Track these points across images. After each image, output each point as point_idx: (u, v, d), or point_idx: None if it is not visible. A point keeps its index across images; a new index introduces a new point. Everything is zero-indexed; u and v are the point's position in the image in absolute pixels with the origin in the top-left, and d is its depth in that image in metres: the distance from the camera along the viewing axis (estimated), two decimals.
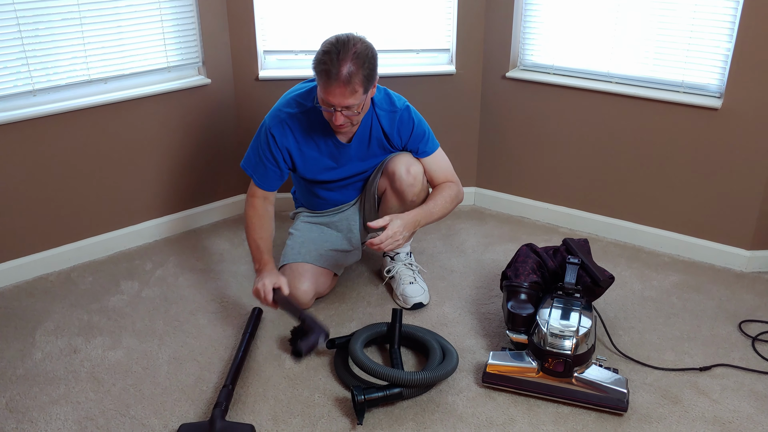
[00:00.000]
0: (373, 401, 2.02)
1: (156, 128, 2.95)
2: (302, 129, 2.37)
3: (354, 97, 2.16)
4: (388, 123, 2.40)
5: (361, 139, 2.41)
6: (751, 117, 2.64)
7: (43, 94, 2.66)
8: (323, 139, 2.39)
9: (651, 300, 2.64)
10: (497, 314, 2.55)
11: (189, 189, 3.15)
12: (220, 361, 2.30)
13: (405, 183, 2.40)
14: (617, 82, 2.92)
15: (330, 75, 2.11)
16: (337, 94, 2.14)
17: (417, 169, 2.42)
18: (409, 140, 2.44)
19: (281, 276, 2.34)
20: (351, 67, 2.11)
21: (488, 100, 3.21)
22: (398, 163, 2.42)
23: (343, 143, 2.41)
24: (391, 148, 2.46)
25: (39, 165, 2.70)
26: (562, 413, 2.07)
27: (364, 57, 2.14)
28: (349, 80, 2.12)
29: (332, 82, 2.12)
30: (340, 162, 2.46)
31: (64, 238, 2.85)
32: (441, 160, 2.51)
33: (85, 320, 2.51)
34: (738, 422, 2.04)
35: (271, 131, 2.37)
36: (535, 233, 3.14)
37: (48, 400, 2.13)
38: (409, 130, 2.42)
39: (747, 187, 2.74)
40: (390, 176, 2.43)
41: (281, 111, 2.37)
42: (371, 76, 2.18)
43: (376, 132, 2.41)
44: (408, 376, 2.02)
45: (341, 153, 2.43)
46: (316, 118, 2.35)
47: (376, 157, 2.49)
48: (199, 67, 3.03)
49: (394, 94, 2.43)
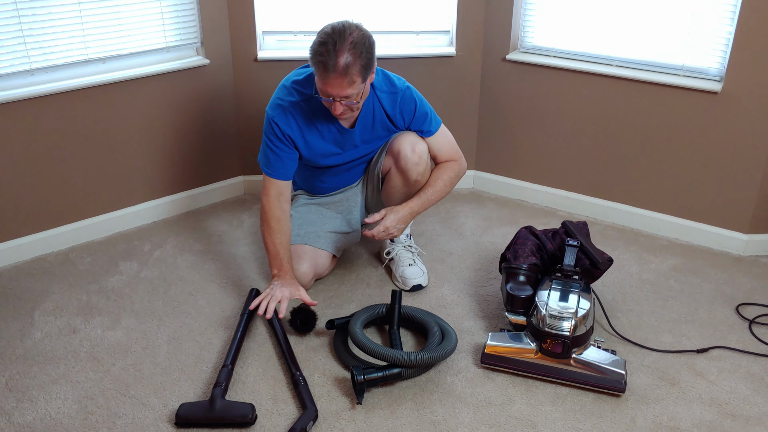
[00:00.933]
0: (372, 381, 2.03)
1: (154, 109, 2.94)
2: (305, 117, 2.34)
3: (352, 87, 2.13)
4: (390, 104, 2.39)
5: (364, 123, 2.40)
6: (751, 101, 2.64)
7: (40, 74, 2.64)
8: (326, 126, 2.37)
9: (649, 283, 2.65)
10: (496, 296, 2.56)
11: (188, 170, 3.14)
12: (219, 341, 2.31)
13: (410, 162, 2.40)
14: (617, 65, 2.91)
15: (327, 67, 2.08)
16: (335, 85, 2.11)
17: (422, 147, 2.42)
18: (412, 121, 2.43)
19: (300, 288, 2.33)
20: (348, 58, 2.08)
21: (488, 82, 3.20)
22: (403, 142, 2.41)
23: (346, 129, 2.39)
24: (395, 129, 2.45)
25: (37, 145, 2.69)
26: (560, 394, 2.09)
27: (361, 46, 2.11)
28: (347, 71, 2.09)
29: (329, 74, 2.09)
30: (344, 147, 2.44)
31: (62, 219, 2.84)
32: (444, 138, 2.50)
33: (84, 300, 2.51)
34: (734, 403, 2.06)
35: (274, 120, 2.33)
36: (534, 216, 3.15)
37: (48, 379, 2.13)
38: (411, 111, 2.41)
39: (746, 171, 2.74)
40: (395, 155, 2.43)
41: (283, 100, 2.33)
42: (369, 65, 2.15)
43: (379, 114, 2.40)
44: (407, 356, 2.03)
45: (345, 139, 2.41)
46: (317, 105, 2.32)
47: (380, 140, 2.48)
48: (198, 48, 3.02)
49: (393, 75, 2.41)
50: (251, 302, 2.42)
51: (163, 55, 2.93)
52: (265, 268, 2.71)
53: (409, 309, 2.36)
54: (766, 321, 2.43)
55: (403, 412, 2.01)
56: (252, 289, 2.51)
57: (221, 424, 1.94)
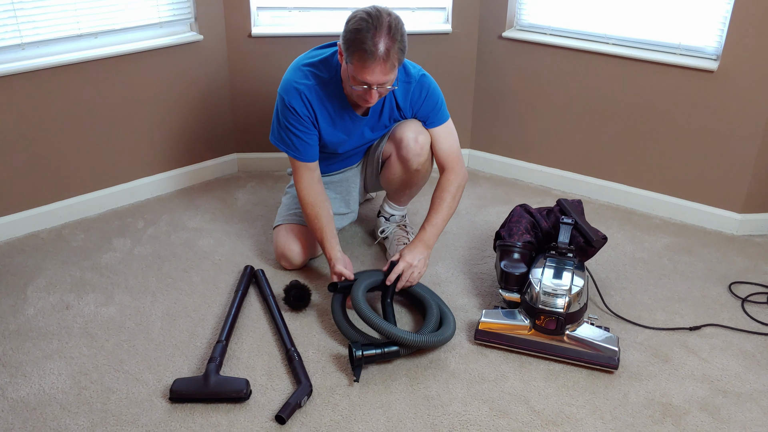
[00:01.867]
0: (370, 358, 2.03)
1: (147, 85, 2.91)
2: (319, 102, 2.27)
3: (392, 72, 2.08)
4: (403, 95, 2.34)
5: (374, 111, 2.36)
6: (748, 80, 2.64)
7: (32, 48, 2.61)
8: (339, 113, 2.31)
9: (643, 261, 2.65)
10: (490, 274, 2.56)
11: (181, 147, 3.12)
12: (213, 317, 2.31)
13: (412, 152, 2.38)
14: (614, 43, 2.89)
15: (368, 53, 2.01)
16: (376, 72, 2.05)
17: (425, 139, 2.38)
18: (420, 108, 2.37)
19: (344, 269, 2.29)
20: (388, 42, 2.02)
21: (484, 60, 3.18)
22: (407, 130, 2.38)
23: (358, 116, 2.34)
24: (400, 118, 2.43)
25: (29, 120, 2.67)
26: (553, 370, 2.10)
27: (397, 30, 2.05)
28: (388, 56, 2.03)
29: (371, 61, 2.02)
30: (352, 135, 2.40)
31: (55, 196, 2.82)
32: (449, 134, 2.43)
33: (78, 277, 2.51)
34: (726, 380, 2.07)
35: (291, 105, 2.25)
36: (529, 195, 3.14)
37: (41, 355, 2.13)
38: (422, 99, 2.35)
39: (740, 151, 2.75)
40: (397, 143, 2.40)
41: (298, 83, 2.25)
42: (405, 47, 2.10)
43: (390, 103, 2.35)
44: (411, 337, 2.03)
45: (355, 126, 2.37)
46: (332, 90, 2.26)
47: (385, 128, 2.46)
48: (192, 23, 2.98)
49: (408, 63, 2.33)
50: (245, 279, 2.43)
51: (156, 31, 2.90)
52: (260, 245, 2.71)
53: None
54: (758, 299, 2.44)
55: (397, 387, 2.02)
56: (246, 266, 2.51)
57: (216, 399, 1.95)
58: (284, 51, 3.00)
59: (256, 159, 3.32)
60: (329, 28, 3.04)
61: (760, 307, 2.41)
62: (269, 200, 3.05)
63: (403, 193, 2.58)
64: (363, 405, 1.95)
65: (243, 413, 1.92)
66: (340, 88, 2.26)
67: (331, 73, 2.25)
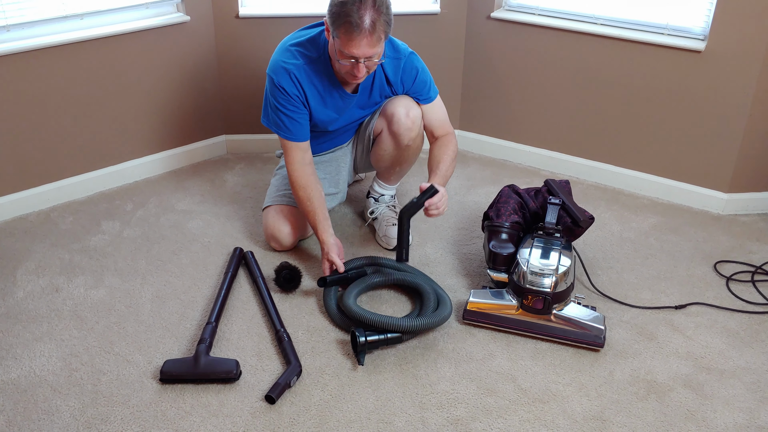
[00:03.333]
0: (373, 343, 2.04)
1: (134, 66, 2.90)
2: (309, 80, 2.28)
3: (379, 45, 2.09)
4: (393, 70, 2.35)
5: (364, 88, 2.36)
6: (734, 60, 2.65)
7: (17, 29, 2.59)
8: (329, 91, 2.32)
9: (629, 241, 2.68)
10: (478, 254, 2.58)
11: (169, 129, 3.11)
12: (203, 299, 2.32)
13: (403, 126, 2.38)
14: (602, 23, 2.89)
15: (354, 26, 2.02)
16: (363, 45, 2.05)
17: (416, 113, 2.40)
18: (411, 87, 2.40)
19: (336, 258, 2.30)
20: (374, 14, 2.03)
21: (472, 40, 3.18)
22: (398, 105, 2.39)
23: (348, 94, 2.35)
24: (391, 94, 2.43)
25: (14, 103, 2.65)
26: (540, 349, 2.12)
27: (382, 2, 2.06)
28: (374, 29, 2.04)
29: (357, 34, 2.03)
30: (342, 113, 2.41)
31: (42, 178, 2.81)
32: (439, 108, 2.48)
33: (67, 260, 2.51)
34: (710, 357, 2.10)
35: (281, 85, 2.25)
36: (518, 176, 3.16)
37: (31, 337, 2.13)
38: (412, 78, 2.37)
39: (727, 131, 2.76)
40: (388, 118, 2.41)
41: (287, 63, 2.25)
42: (390, 20, 2.11)
43: (380, 79, 2.36)
44: (411, 322, 2.05)
45: (346, 104, 2.38)
46: (321, 68, 2.27)
47: (376, 105, 2.46)
48: (178, 4, 2.96)
49: (395, 40, 2.36)
50: (235, 260, 2.43)
51: (143, 12, 2.88)
52: (249, 227, 2.72)
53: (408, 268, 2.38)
54: (743, 278, 2.47)
55: (386, 366, 2.04)
56: (236, 248, 2.52)
57: (206, 380, 1.96)
58: (272, 32, 2.98)
59: (245, 141, 3.31)
60: (317, 9, 3.02)
61: (744, 285, 2.44)
62: (258, 182, 3.05)
63: (393, 170, 2.59)
64: (352, 384, 1.98)
65: (233, 394, 1.93)
66: (328, 66, 2.26)
67: (320, 51, 2.25)
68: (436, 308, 2.19)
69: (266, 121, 2.36)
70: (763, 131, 2.73)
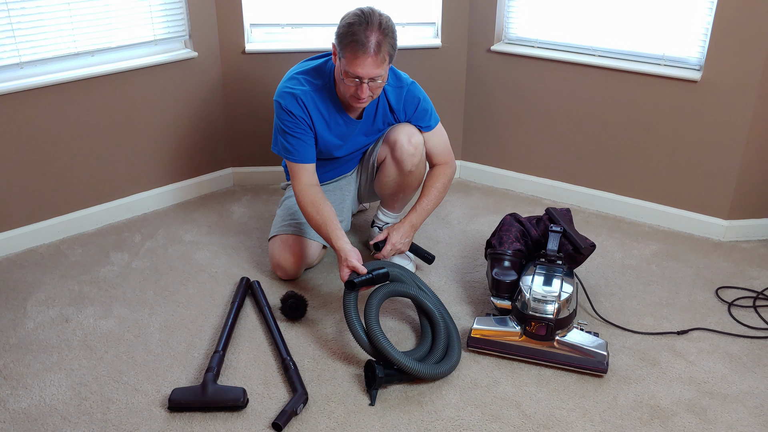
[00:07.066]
0: (390, 378, 2.05)
1: (143, 101, 2.97)
2: (314, 106, 2.35)
3: (383, 66, 2.17)
4: (395, 98, 2.43)
5: (368, 114, 2.44)
6: (730, 89, 2.70)
7: (30, 67, 2.66)
8: (334, 118, 2.39)
9: (631, 268, 2.70)
10: (481, 282, 2.61)
11: (177, 162, 3.17)
12: (210, 328, 2.35)
13: (406, 152, 2.44)
14: (600, 55, 2.96)
15: (360, 45, 2.11)
16: (367, 65, 2.14)
17: (418, 139, 2.46)
18: (413, 116, 2.47)
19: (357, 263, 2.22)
20: (380, 36, 2.13)
21: (473, 73, 3.25)
22: (400, 132, 2.45)
23: (353, 120, 2.42)
24: (394, 121, 2.50)
25: (26, 138, 2.71)
26: (544, 375, 2.14)
27: (388, 26, 2.16)
28: (379, 49, 2.13)
29: (362, 53, 2.12)
30: (347, 140, 2.47)
31: (52, 211, 2.86)
32: (440, 137, 2.54)
33: (76, 291, 2.54)
34: (713, 382, 2.12)
35: (288, 108, 2.31)
36: (519, 205, 3.20)
37: (42, 367, 2.16)
38: (414, 106, 2.45)
39: (725, 159, 2.81)
40: (391, 145, 2.47)
41: (293, 88, 2.32)
42: (396, 46, 2.20)
43: (383, 107, 2.43)
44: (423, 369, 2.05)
45: (350, 130, 2.44)
46: (327, 95, 2.34)
47: (379, 132, 2.53)
48: (186, 41, 3.04)
49: (398, 70, 2.45)
50: (241, 290, 2.47)
51: (152, 48, 2.96)
52: (256, 257, 2.75)
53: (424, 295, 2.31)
54: (744, 303, 2.49)
55: (391, 393, 2.06)
56: (242, 277, 2.55)
57: (213, 408, 1.98)
58: (278, 67, 3.05)
59: (251, 173, 3.37)
60: (321, 44, 3.10)
61: (745, 311, 2.46)
62: (264, 213, 3.10)
63: (397, 197, 2.64)
64: (358, 412, 1.99)
65: (240, 421, 1.95)
66: (333, 93, 2.35)
67: (325, 79, 2.34)
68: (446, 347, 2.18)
69: (276, 148, 2.43)
70: (761, 158, 2.77)
